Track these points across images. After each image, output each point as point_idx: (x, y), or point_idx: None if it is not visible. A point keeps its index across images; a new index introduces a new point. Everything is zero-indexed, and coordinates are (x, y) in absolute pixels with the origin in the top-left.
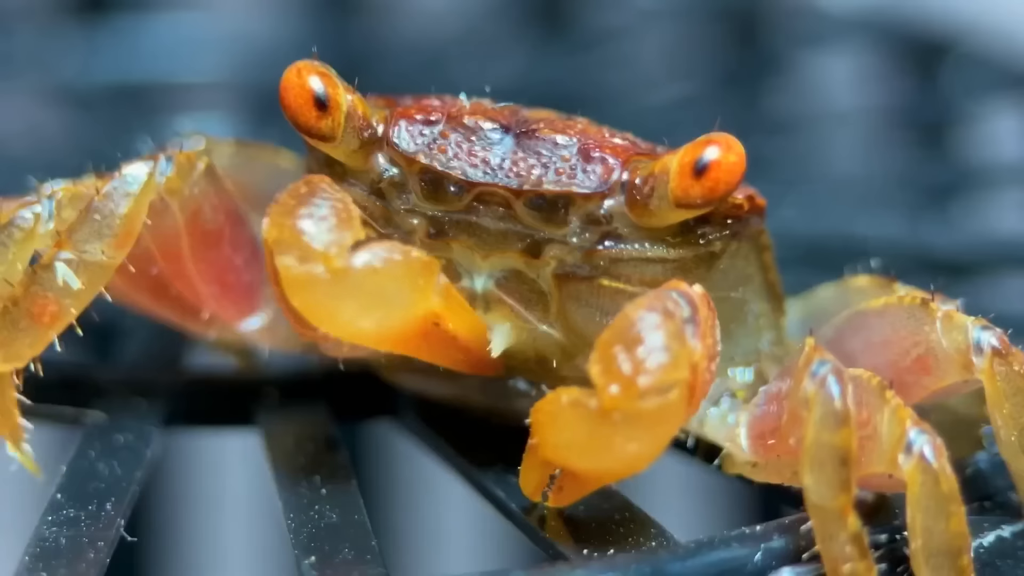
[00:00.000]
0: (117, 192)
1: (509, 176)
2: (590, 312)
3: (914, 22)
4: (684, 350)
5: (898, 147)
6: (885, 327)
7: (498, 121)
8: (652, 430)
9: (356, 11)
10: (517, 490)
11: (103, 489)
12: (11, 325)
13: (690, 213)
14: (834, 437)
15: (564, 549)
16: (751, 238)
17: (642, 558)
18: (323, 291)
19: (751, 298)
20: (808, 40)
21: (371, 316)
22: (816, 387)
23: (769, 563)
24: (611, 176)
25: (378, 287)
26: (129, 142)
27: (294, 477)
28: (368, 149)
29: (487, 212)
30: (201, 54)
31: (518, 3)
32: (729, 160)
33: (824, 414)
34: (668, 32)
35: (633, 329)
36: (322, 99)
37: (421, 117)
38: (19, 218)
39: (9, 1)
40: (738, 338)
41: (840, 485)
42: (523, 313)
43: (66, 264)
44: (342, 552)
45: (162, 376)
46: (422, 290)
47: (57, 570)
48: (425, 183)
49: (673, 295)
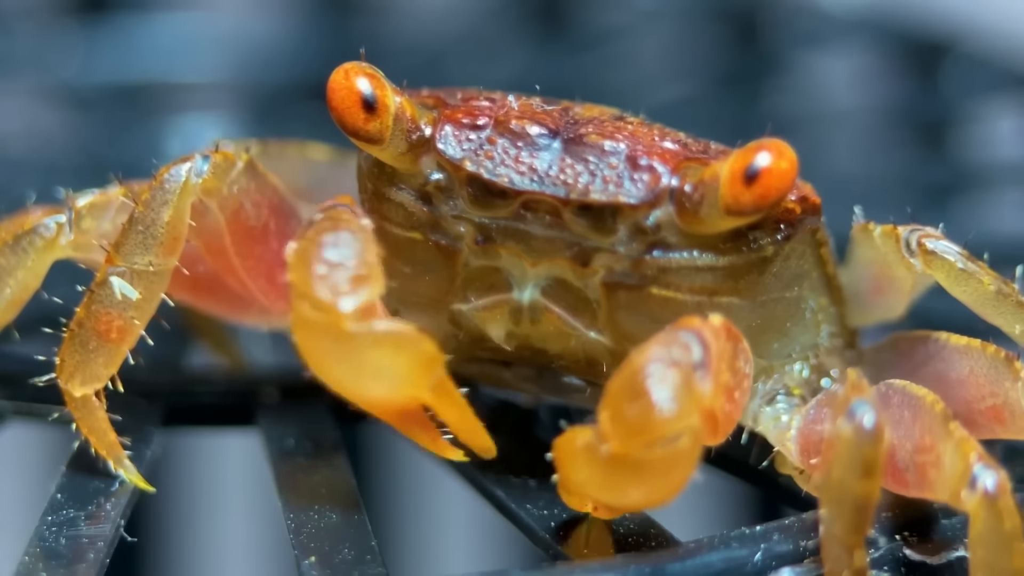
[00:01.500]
0: (156, 200)
1: (556, 184)
2: (640, 319)
3: (914, 22)
4: (692, 398)
5: (898, 147)
6: (963, 367)
7: (546, 125)
8: (665, 476)
9: (356, 11)
10: (517, 490)
11: (103, 489)
12: (81, 347)
13: (741, 221)
14: (857, 484)
15: (564, 549)
16: (806, 237)
17: (642, 558)
18: (323, 345)
19: (808, 294)
20: (808, 40)
21: (360, 384)
22: (851, 429)
23: (769, 563)
24: (659, 184)
25: (376, 361)
26: (129, 142)
27: (294, 477)
28: (416, 152)
29: (535, 219)
30: (201, 54)
31: (518, 3)
32: (781, 167)
33: (852, 459)
34: (668, 32)
35: (638, 379)
36: (370, 101)
37: (468, 121)
38: (42, 227)
39: (9, 1)
40: (795, 335)
41: (854, 528)
42: (571, 321)
43: (120, 277)
44: (342, 552)
45: (162, 376)
46: (416, 381)
47: (57, 570)
48: (472, 189)
49: (683, 337)
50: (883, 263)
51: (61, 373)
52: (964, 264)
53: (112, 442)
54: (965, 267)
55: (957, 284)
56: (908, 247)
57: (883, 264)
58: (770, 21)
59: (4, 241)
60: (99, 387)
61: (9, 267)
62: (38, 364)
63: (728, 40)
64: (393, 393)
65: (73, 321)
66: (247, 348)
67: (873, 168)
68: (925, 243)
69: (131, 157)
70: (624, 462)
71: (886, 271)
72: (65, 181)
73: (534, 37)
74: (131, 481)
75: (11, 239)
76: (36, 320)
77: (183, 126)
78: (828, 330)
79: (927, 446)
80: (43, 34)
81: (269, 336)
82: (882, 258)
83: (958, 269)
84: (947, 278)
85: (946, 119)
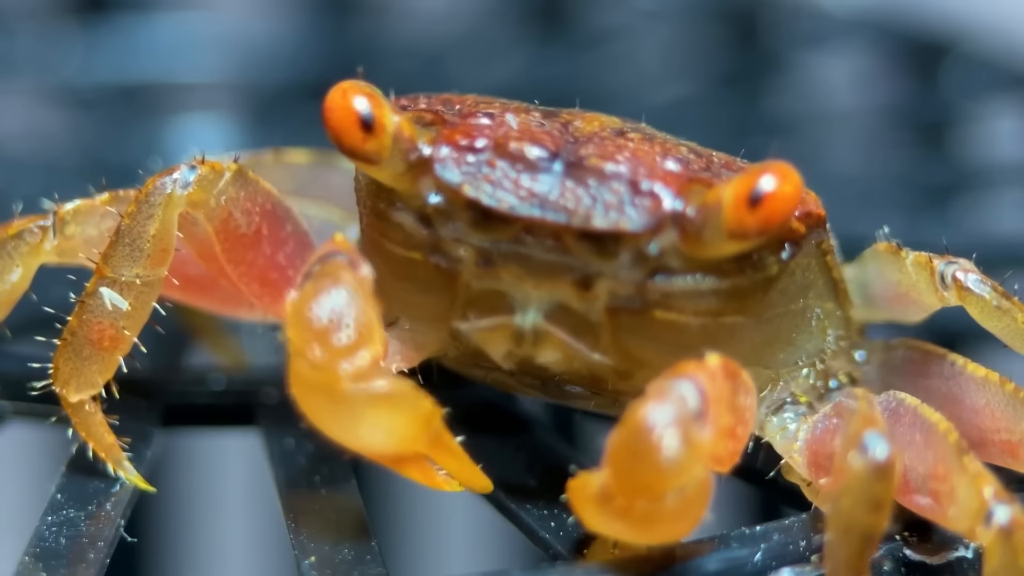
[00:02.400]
0: (142, 213)
1: (557, 210)
2: (643, 341)
3: (914, 22)
4: (693, 449)
5: (898, 147)
6: (980, 398)
7: (546, 146)
8: (677, 521)
9: (356, 12)
10: (516, 491)
11: (103, 489)
12: (75, 355)
13: (745, 245)
14: (867, 517)
15: (563, 549)
16: (810, 250)
17: (641, 558)
18: (320, 403)
19: (814, 302)
20: (808, 40)
21: (357, 439)
22: (862, 464)
23: (769, 563)
24: (661, 209)
25: (373, 420)
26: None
27: (294, 477)
28: (415, 173)
29: (536, 243)
30: (201, 54)
31: (518, 3)
32: (785, 191)
33: (862, 493)
34: (668, 32)
35: (638, 438)
36: (368, 121)
37: (466, 143)
38: (28, 232)
39: (10, 1)
40: (800, 344)
41: (860, 554)
42: (573, 345)
43: (109, 287)
44: (342, 552)
45: (162, 376)
46: (414, 438)
47: (57, 570)
48: (472, 213)
49: (680, 388)
50: (911, 287)
51: (56, 379)
52: (999, 302)
53: (110, 444)
54: (999, 304)
55: (990, 319)
56: (943, 281)
57: (911, 287)
58: (770, 21)
59: None
60: (94, 393)
61: None
62: (38, 365)
63: (728, 40)
64: (391, 448)
65: (66, 329)
66: (247, 347)
67: (873, 168)
68: (960, 278)
69: (131, 158)
70: (635, 513)
71: (913, 294)
72: (65, 182)
73: (534, 37)
74: (131, 482)
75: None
76: (33, 324)
77: (183, 127)
78: (834, 334)
79: (940, 475)
80: (43, 34)
81: (269, 336)
82: (911, 283)
83: (992, 306)
84: (980, 313)
85: (946, 119)
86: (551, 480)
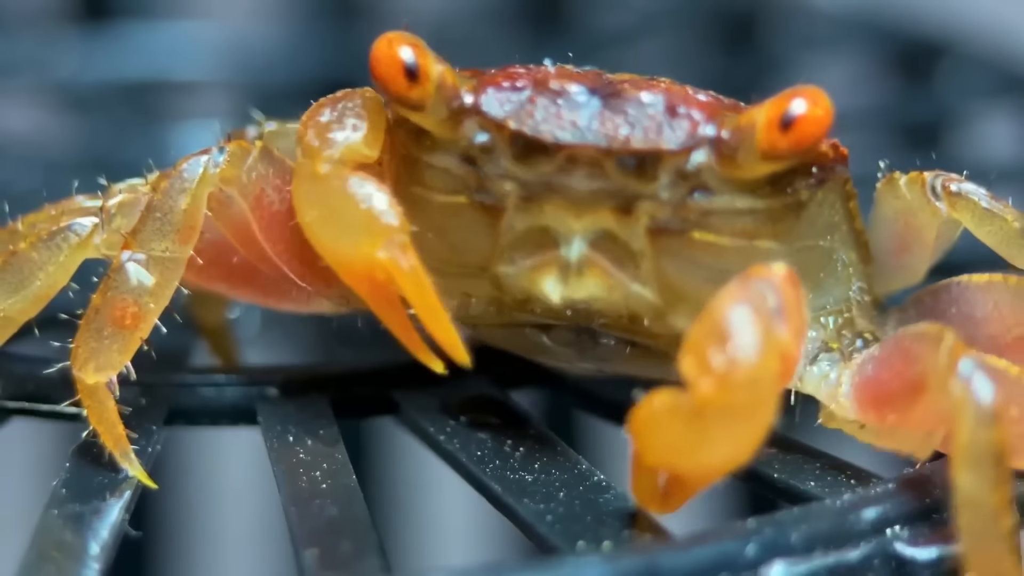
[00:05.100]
0: (174, 188)
1: (598, 136)
2: (684, 266)
3: (909, 25)
4: (773, 341)
5: (893, 149)
6: (987, 302)
7: (583, 83)
8: (747, 422)
9: (355, 15)
10: (513, 486)
11: (106, 484)
12: (96, 335)
13: (777, 165)
14: (990, 435)
15: (558, 543)
16: (837, 186)
17: (635, 551)
18: (304, 189)
19: (839, 247)
20: (804, 42)
21: (327, 233)
22: (965, 390)
23: (762, 556)
24: (697, 131)
25: (341, 208)
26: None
27: (295, 472)
28: (457, 118)
29: (578, 173)
30: (201, 61)
31: (518, 3)
32: (816, 113)
33: (978, 416)
34: (668, 33)
35: (723, 324)
36: (412, 69)
37: (508, 84)
38: (77, 224)
39: (11, 7)
40: (829, 287)
41: (997, 481)
42: (617, 274)
43: (136, 263)
44: (343, 545)
45: (164, 374)
46: (371, 239)
47: (62, 564)
48: (515, 147)
49: (759, 286)
50: (908, 212)
51: (75, 360)
52: (989, 203)
53: (120, 435)
54: (990, 206)
55: (982, 225)
56: (934, 191)
57: (908, 213)
58: (768, 22)
59: (38, 236)
60: (113, 374)
61: (40, 262)
62: (43, 362)
63: (725, 41)
64: (349, 248)
65: (89, 309)
66: (245, 350)
67: (868, 169)
68: (949, 186)
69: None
70: (708, 411)
71: (911, 221)
72: (65, 184)
73: (534, 38)
74: (135, 476)
75: (45, 235)
76: (37, 322)
77: (183, 129)
78: (858, 285)
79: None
80: (45, 40)
81: (269, 336)
82: (907, 207)
83: (983, 208)
84: (972, 219)
85: (941, 121)
86: (547, 475)
